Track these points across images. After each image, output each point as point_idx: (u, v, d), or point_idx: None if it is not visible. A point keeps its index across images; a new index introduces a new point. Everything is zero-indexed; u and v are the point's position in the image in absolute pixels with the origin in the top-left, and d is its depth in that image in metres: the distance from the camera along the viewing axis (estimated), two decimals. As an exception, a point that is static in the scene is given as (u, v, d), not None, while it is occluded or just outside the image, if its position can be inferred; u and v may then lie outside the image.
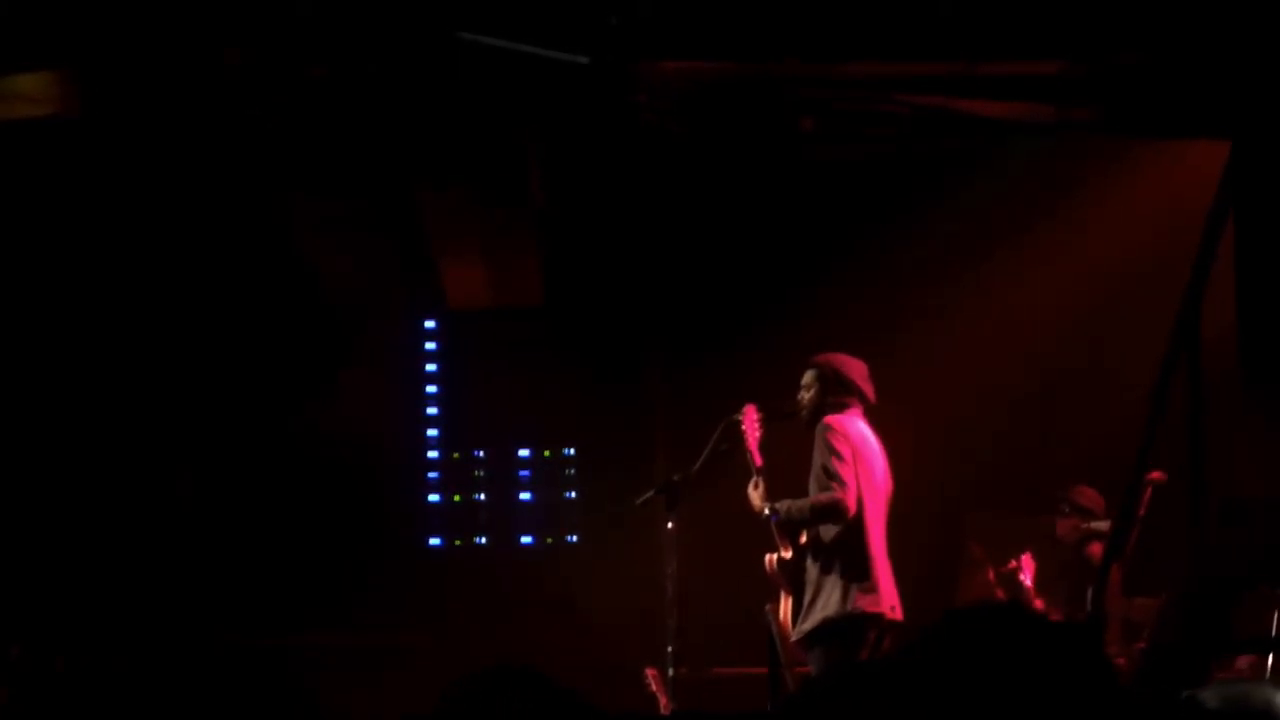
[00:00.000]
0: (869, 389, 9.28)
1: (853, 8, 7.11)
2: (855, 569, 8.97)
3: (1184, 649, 6.74)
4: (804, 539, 9.20)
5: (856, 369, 9.30)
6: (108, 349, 12.35)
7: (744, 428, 9.40)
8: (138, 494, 12.38)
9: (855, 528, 9.00)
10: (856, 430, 9.13)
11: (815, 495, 9.02)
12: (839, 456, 8.98)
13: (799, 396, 9.34)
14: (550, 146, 9.87)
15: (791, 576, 9.17)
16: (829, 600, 8.96)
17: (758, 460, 9.35)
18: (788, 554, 9.17)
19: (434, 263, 11.10)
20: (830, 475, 8.95)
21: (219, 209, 11.64)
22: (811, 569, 9.10)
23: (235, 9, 7.25)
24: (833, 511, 8.96)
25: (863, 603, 8.91)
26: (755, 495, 9.28)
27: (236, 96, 8.22)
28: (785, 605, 9.21)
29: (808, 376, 9.35)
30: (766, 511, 9.18)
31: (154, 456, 12.45)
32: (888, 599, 8.97)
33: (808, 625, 9.01)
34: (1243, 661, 9.50)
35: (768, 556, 9.23)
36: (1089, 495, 10.99)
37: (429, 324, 13.12)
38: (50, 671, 11.09)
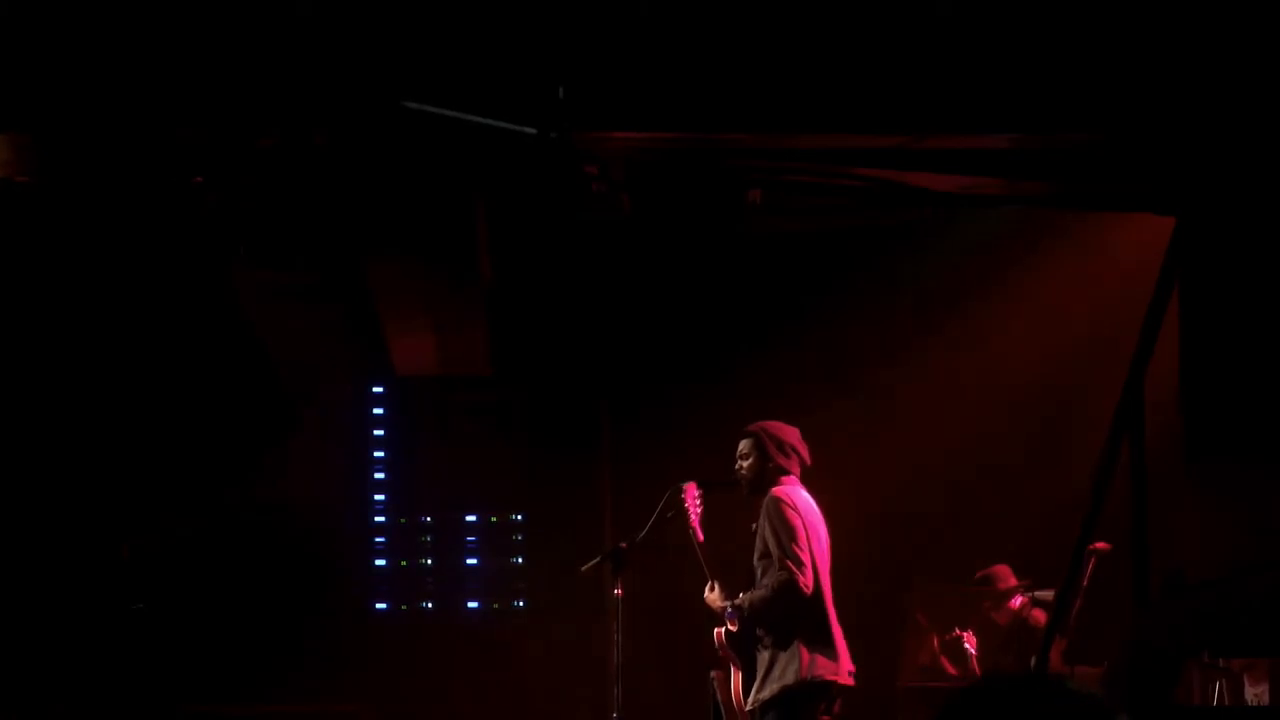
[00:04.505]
0: (805, 452, 9.33)
1: (802, 80, 7.14)
2: (815, 636, 8.99)
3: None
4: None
5: (792, 433, 9.36)
6: (51, 416, 12.29)
7: (686, 505, 9.43)
8: (79, 562, 12.29)
9: (814, 597, 9.01)
10: (803, 500, 9.18)
11: (772, 580, 9.01)
12: (794, 536, 9.00)
13: (737, 466, 9.37)
14: (498, 215, 9.88)
15: (740, 649, 9.18)
16: (787, 669, 8.96)
17: (699, 536, 9.38)
18: (734, 627, 9.17)
19: (382, 330, 11.10)
20: (787, 555, 8.95)
21: (166, 276, 11.62)
22: (766, 638, 9.10)
23: (183, 79, 7.24)
24: (792, 594, 8.96)
25: (823, 669, 8.94)
26: (714, 597, 9.28)
27: (183, 165, 8.21)
28: (735, 679, 9.21)
29: (745, 445, 9.38)
30: (729, 610, 9.18)
31: (95, 524, 12.36)
32: (845, 665, 9.02)
33: (765, 694, 9.01)
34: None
35: (716, 630, 9.24)
36: (1002, 572, 11.14)
37: (376, 390, 13.11)
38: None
